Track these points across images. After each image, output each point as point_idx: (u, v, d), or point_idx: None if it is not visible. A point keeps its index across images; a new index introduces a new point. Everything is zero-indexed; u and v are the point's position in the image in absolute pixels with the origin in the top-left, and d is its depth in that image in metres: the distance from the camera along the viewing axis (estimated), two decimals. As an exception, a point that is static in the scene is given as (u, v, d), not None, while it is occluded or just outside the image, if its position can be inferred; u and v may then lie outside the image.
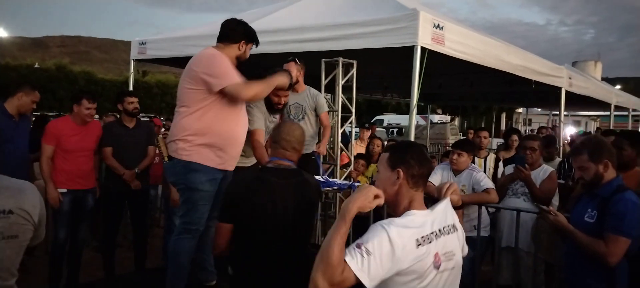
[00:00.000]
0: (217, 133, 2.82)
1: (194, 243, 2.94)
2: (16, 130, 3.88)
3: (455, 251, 1.68)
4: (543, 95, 9.23)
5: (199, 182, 2.81)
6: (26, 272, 4.61)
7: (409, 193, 1.68)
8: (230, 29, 2.99)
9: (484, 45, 5.43)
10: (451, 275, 1.66)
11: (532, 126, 28.09)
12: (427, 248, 1.56)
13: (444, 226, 1.66)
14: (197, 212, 2.87)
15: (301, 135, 2.38)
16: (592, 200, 2.53)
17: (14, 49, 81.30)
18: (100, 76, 29.96)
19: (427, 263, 1.56)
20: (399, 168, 1.69)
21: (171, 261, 2.92)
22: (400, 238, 1.52)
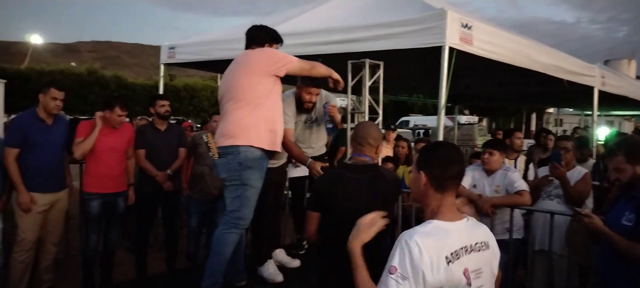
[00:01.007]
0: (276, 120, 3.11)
1: (238, 238, 3.06)
2: (48, 133, 3.92)
3: (484, 269, 1.63)
4: (574, 95, 8.99)
5: (255, 179, 2.99)
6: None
7: (436, 197, 1.64)
8: (255, 35, 3.21)
9: (514, 44, 5.32)
10: None
11: (564, 126, 27.39)
12: (459, 264, 1.53)
13: (475, 242, 1.61)
14: (248, 207, 3.01)
15: (376, 131, 2.55)
16: (629, 202, 2.45)
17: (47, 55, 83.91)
18: (131, 80, 30.63)
19: (459, 279, 1.53)
20: (422, 170, 1.67)
21: (215, 252, 3.02)
22: (427, 253, 1.49)
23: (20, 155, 3.77)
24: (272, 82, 3.07)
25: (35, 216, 3.86)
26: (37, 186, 3.84)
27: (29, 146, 3.80)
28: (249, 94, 3.00)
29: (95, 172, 4.10)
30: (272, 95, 3.08)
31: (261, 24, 3.31)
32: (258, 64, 3.04)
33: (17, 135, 3.79)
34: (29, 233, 3.86)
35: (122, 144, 4.26)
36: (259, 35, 3.21)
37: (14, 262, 3.86)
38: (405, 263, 1.48)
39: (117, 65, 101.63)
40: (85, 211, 4.15)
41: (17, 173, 3.74)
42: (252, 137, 2.98)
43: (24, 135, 3.78)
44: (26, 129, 3.81)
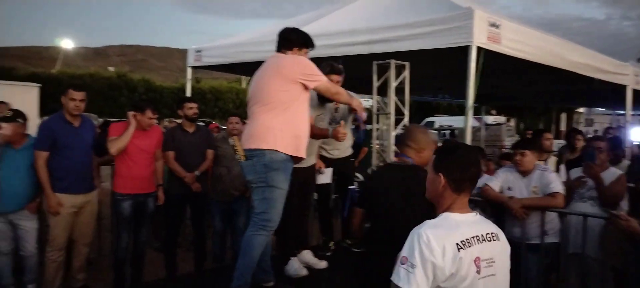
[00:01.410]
0: (301, 126, 3.16)
1: (267, 239, 3.10)
2: (76, 135, 3.99)
3: (497, 259, 1.68)
4: (606, 94, 8.74)
5: (281, 181, 3.03)
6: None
7: (451, 197, 1.71)
8: (286, 37, 3.25)
9: (543, 42, 5.22)
10: (494, 281, 1.67)
11: (595, 126, 26.64)
12: (470, 252, 1.60)
13: (486, 232, 1.69)
14: (276, 209, 3.04)
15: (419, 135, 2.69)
16: None
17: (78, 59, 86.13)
18: (158, 83, 31.24)
19: (469, 267, 1.59)
20: (441, 172, 1.72)
21: (244, 253, 3.06)
22: (438, 242, 1.56)
23: (51, 158, 3.86)
24: (300, 89, 3.09)
25: (66, 217, 3.96)
26: (67, 187, 3.92)
27: (58, 148, 3.88)
28: (277, 98, 3.03)
29: (126, 173, 4.19)
30: (299, 102, 3.11)
31: (294, 27, 3.35)
32: (289, 70, 3.07)
33: (45, 138, 3.88)
34: (59, 233, 3.96)
35: (151, 145, 4.34)
36: (290, 38, 3.23)
37: (47, 261, 3.97)
38: (414, 253, 1.57)
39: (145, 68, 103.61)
40: (116, 211, 4.25)
41: (46, 176, 3.84)
42: (277, 142, 3.01)
43: (52, 138, 3.87)
44: (54, 131, 3.89)
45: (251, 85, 3.26)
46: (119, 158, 4.19)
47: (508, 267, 1.76)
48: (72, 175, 3.94)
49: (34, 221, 4.03)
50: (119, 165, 4.24)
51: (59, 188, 3.88)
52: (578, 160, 4.73)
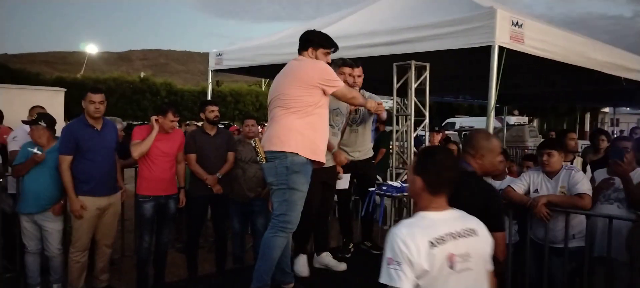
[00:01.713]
0: (321, 131, 3.17)
1: (285, 241, 3.12)
2: (99, 138, 4.04)
3: (473, 254, 1.76)
4: (632, 93, 8.53)
5: (301, 183, 3.05)
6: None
7: (428, 198, 1.81)
8: (307, 39, 3.26)
9: (567, 41, 5.11)
10: (471, 276, 1.75)
11: (621, 126, 26.01)
12: (442, 249, 1.68)
13: (462, 229, 1.77)
14: (295, 211, 3.06)
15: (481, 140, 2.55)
16: None
17: (101, 63, 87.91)
18: (179, 86, 31.68)
19: (442, 263, 1.68)
20: (419, 175, 1.82)
21: (263, 255, 3.09)
22: (412, 240, 1.66)
23: (74, 161, 3.94)
24: (319, 94, 3.10)
25: (89, 219, 4.02)
26: (91, 190, 3.99)
27: (82, 152, 3.95)
28: (298, 103, 3.05)
29: (148, 175, 4.25)
30: (320, 106, 3.12)
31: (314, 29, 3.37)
32: (308, 75, 3.08)
33: (68, 142, 3.94)
34: (83, 235, 4.03)
35: (173, 148, 4.40)
36: (307, 38, 3.25)
37: (71, 262, 4.05)
38: (395, 251, 1.66)
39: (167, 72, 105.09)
40: (139, 213, 4.31)
41: (69, 180, 3.91)
42: (298, 145, 3.03)
43: (75, 142, 3.94)
44: (77, 135, 3.96)
45: (272, 88, 3.27)
46: (142, 160, 4.26)
47: (487, 259, 1.84)
48: (95, 178, 4.01)
49: (58, 222, 4.12)
50: (141, 168, 4.31)
51: (82, 191, 3.96)
52: (602, 161, 4.63)
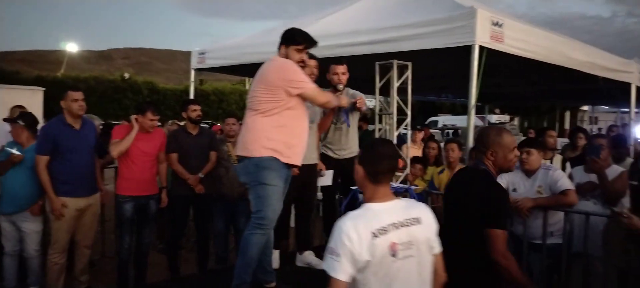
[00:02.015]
0: (293, 133, 3.07)
1: (264, 239, 3.08)
2: (78, 138, 3.99)
3: (416, 242, 1.85)
4: (610, 91, 8.71)
5: (271, 178, 3.00)
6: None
7: (371, 188, 1.90)
8: (284, 35, 3.19)
9: (547, 41, 5.20)
10: (414, 262, 1.84)
11: (599, 124, 26.52)
12: (384, 239, 1.77)
13: (405, 218, 1.85)
14: (270, 207, 3.02)
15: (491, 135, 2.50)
16: None
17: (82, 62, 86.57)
18: (162, 85, 31.36)
19: (385, 252, 1.77)
20: (361, 165, 1.93)
21: (242, 253, 3.08)
22: (355, 231, 1.74)
23: (52, 162, 3.87)
24: (284, 95, 3.01)
25: (68, 220, 3.96)
26: (70, 191, 3.92)
27: (60, 152, 3.89)
28: (263, 104, 3.01)
29: (128, 175, 4.20)
30: (289, 107, 3.03)
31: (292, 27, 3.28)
32: (271, 75, 3.03)
33: (46, 142, 3.88)
34: (61, 236, 3.96)
35: (154, 148, 4.35)
36: (283, 35, 3.18)
37: (49, 264, 3.98)
38: (338, 242, 1.75)
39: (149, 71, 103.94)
40: (119, 213, 4.26)
41: (47, 180, 3.84)
42: (263, 148, 2.99)
43: (53, 142, 3.87)
44: (55, 135, 3.89)
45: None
46: (122, 160, 4.21)
47: (432, 244, 1.92)
48: (74, 179, 3.95)
49: (36, 223, 4.06)
50: (121, 168, 4.25)
51: (62, 191, 3.89)
52: (580, 158, 4.72)
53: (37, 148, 3.90)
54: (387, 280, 1.79)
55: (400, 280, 1.80)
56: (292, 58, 3.11)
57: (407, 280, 1.83)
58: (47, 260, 4.00)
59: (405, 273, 1.82)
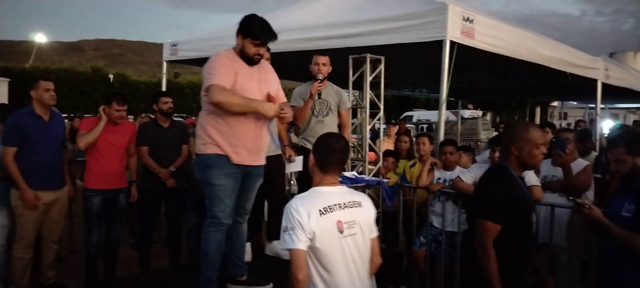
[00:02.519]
0: (229, 129, 2.89)
1: (221, 236, 3.02)
2: (47, 130, 3.89)
3: (358, 222, 2.08)
4: (579, 88, 8.98)
5: (215, 177, 2.91)
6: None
7: (319, 174, 2.12)
8: (239, 25, 2.94)
9: (516, 37, 5.31)
10: (357, 240, 2.07)
11: (568, 120, 27.25)
12: (331, 217, 1.99)
13: (348, 201, 2.09)
14: (218, 205, 2.94)
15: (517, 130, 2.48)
16: (630, 194, 2.43)
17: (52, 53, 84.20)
18: (134, 78, 30.73)
19: (331, 228, 1.99)
20: (312, 154, 2.14)
21: (202, 253, 3.05)
22: (304, 208, 1.96)
23: (20, 154, 3.76)
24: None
25: (35, 214, 3.86)
26: (38, 184, 3.82)
27: (28, 144, 3.78)
28: (204, 100, 2.93)
29: (97, 168, 4.11)
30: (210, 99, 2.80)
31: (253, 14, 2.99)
32: (205, 69, 2.87)
33: (14, 133, 3.76)
34: (28, 231, 3.86)
35: (123, 141, 4.27)
36: (241, 24, 2.93)
37: (14, 259, 3.87)
38: (289, 219, 1.96)
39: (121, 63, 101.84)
40: (87, 207, 4.17)
41: (17, 171, 3.73)
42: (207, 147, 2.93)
43: (22, 133, 3.76)
44: (23, 126, 3.78)
45: None
46: (90, 153, 4.11)
47: (371, 227, 2.16)
48: (42, 172, 3.85)
49: (2, 217, 3.94)
50: (89, 160, 4.15)
51: (30, 185, 3.78)
52: (547, 152, 4.84)
53: (5, 139, 3.78)
54: (334, 254, 2.00)
55: (345, 255, 2.02)
56: (248, 51, 2.90)
57: (351, 255, 2.04)
58: (12, 256, 3.89)
59: (349, 249, 2.04)
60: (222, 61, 2.84)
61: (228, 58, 2.88)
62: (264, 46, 2.96)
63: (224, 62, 2.85)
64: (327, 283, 2.00)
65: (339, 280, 2.00)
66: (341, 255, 2.00)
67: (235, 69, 2.86)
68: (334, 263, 1.99)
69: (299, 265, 1.92)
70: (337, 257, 1.99)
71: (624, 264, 2.41)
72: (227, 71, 2.82)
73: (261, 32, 2.88)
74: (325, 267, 1.99)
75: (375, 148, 5.19)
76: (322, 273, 2.00)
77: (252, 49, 2.90)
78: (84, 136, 4.03)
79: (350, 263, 2.04)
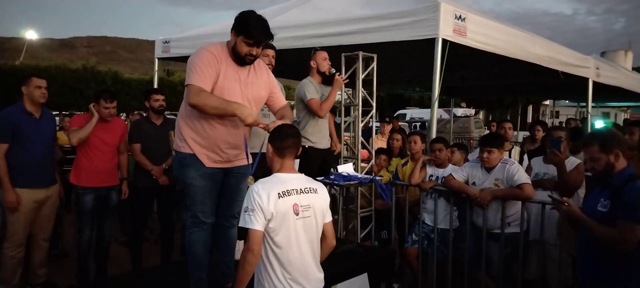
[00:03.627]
0: (204, 131, 2.75)
1: (205, 235, 2.91)
2: (38, 127, 3.86)
3: (312, 206, 2.31)
4: (570, 86, 9.04)
5: (192, 177, 2.79)
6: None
7: (278, 161, 2.33)
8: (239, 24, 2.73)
9: (508, 35, 5.33)
10: (309, 222, 2.31)
11: (560, 118, 27.41)
12: (288, 199, 2.23)
13: (305, 187, 2.32)
14: (196, 205, 2.84)
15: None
16: (604, 190, 2.58)
17: (43, 50, 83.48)
18: (127, 75, 30.51)
19: (287, 209, 2.22)
20: (270, 143, 2.36)
21: (188, 254, 2.97)
22: (264, 192, 2.19)
23: (10, 151, 3.72)
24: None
25: (27, 213, 3.83)
26: (28, 182, 3.79)
27: (19, 141, 3.74)
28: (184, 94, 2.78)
29: (88, 165, 4.09)
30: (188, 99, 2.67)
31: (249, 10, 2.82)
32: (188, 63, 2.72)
33: (4, 130, 3.72)
34: (19, 229, 3.83)
35: (115, 138, 4.25)
36: (240, 22, 2.72)
37: (5, 258, 3.83)
38: (250, 201, 2.19)
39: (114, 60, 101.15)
40: (78, 205, 4.14)
41: (5, 169, 3.70)
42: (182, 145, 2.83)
43: (12, 129, 3.73)
44: (14, 123, 3.75)
45: None
46: (81, 150, 4.09)
47: (324, 212, 2.39)
48: (33, 169, 3.81)
49: None
50: (80, 158, 4.13)
51: (20, 183, 3.75)
52: (538, 150, 4.88)
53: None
54: (289, 233, 2.24)
55: (299, 235, 2.27)
56: (239, 50, 2.71)
57: (304, 235, 2.29)
58: (2, 255, 3.85)
59: (303, 230, 2.29)
60: (205, 58, 2.66)
61: (213, 54, 2.69)
62: (257, 46, 2.74)
63: (207, 59, 2.66)
64: (278, 258, 2.25)
65: (289, 255, 2.26)
66: (294, 234, 2.26)
67: (219, 67, 2.69)
68: (286, 241, 2.25)
69: (255, 242, 2.18)
70: (289, 235, 2.25)
71: (602, 257, 2.54)
72: (207, 70, 2.65)
73: (255, 31, 2.68)
74: (278, 244, 2.24)
75: (367, 146, 5.20)
76: (274, 249, 2.25)
77: (244, 48, 2.70)
78: (75, 132, 4.00)
79: (302, 243, 2.29)
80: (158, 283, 3.36)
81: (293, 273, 2.27)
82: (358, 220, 4.55)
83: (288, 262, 2.26)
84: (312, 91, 4.17)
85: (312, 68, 4.29)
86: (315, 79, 4.28)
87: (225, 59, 2.74)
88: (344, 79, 4.21)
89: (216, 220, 2.97)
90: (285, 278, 2.26)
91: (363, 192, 4.69)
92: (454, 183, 3.87)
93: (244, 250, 2.20)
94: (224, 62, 2.73)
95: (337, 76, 4.15)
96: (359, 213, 4.55)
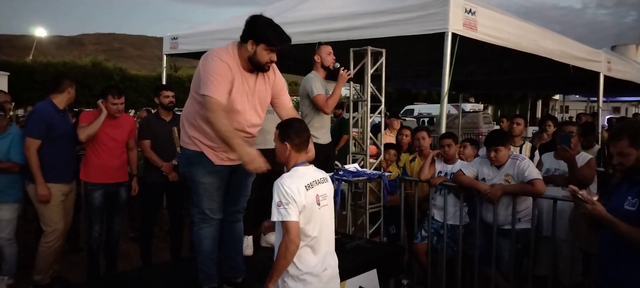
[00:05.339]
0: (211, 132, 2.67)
1: (213, 230, 2.91)
2: (66, 124, 4.02)
3: (328, 195, 2.49)
4: (581, 81, 8.94)
5: (199, 175, 2.78)
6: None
7: (295, 155, 2.42)
8: (245, 27, 2.71)
9: (519, 29, 5.27)
10: (328, 210, 2.51)
11: (570, 113, 27.19)
12: (313, 191, 2.37)
13: (320, 177, 2.48)
14: (204, 202, 2.83)
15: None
16: (633, 187, 2.37)
17: (52, 48, 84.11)
18: (134, 72, 30.68)
19: (313, 200, 2.37)
20: (286, 141, 2.41)
21: (196, 250, 2.98)
22: (294, 185, 2.29)
23: (42, 147, 3.79)
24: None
25: (59, 206, 3.94)
26: (56, 176, 3.89)
27: (51, 137, 3.83)
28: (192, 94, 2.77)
29: (97, 162, 4.11)
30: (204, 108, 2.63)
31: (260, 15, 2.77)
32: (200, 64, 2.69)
33: (40, 126, 3.79)
34: (58, 223, 3.93)
35: (123, 135, 4.27)
36: (254, 29, 2.68)
37: (47, 250, 3.92)
38: (282, 195, 2.28)
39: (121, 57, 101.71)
40: (88, 201, 4.17)
41: (37, 165, 3.76)
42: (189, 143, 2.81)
43: (47, 126, 3.81)
44: (49, 120, 3.83)
45: None
46: (90, 147, 4.11)
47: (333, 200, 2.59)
48: (61, 164, 3.94)
49: (11, 211, 3.98)
50: (89, 154, 4.15)
51: (51, 177, 3.84)
52: (549, 145, 4.82)
53: (30, 131, 3.81)
54: (314, 222, 2.39)
55: (322, 222, 2.44)
56: (260, 59, 2.68)
57: (326, 222, 2.48)
58: (42, 247, 3.93)
59: (324, 218, 2.46)
60: (221, 70, 2.61)
61: (228, 66, 2.65)
62: (274, 53, 2.71)
63: (224, 71, 2.62)
64: (309, 245, 2.41)
65: (317, 242, 2.43)
66: (319, 222, 2.42)
67: (233, 80, 2.66)
68: (313, 229, 2.39)
69: (295, 233, 2.28)
70: (315, 223, 2.40)
71: (625, 257, 2.37)
72: (225, 84, 2.62)
73: (275, 38, 2.65)
74: (307, 233, 2.37)
75: (376, 142, 5.17)
76: (304, 239, 2.38)
77: (265, 56, 2.67)
78: (84, 128, 4.02)
79: (324, 229, 2.47)
80: (168, 279, 3.36)
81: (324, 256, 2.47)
82: (367, 215, 4.53)
83: (319, 247, 2.44)
84: (318, 87, 4.14)
85: (316, 62, 4.24)
86: (320, 74, 4.25)
87: (237, 69, 2.70)
88: (348, 73, 4.16)
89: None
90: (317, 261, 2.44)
91: (372, 188, 4.67)
92: (464, 179, 3.84)
93: (283, 241, 2.29)
94: (236, 71, 2.69)
95: (341, 71, 4.08)
96: (368, 209, 4.53)
